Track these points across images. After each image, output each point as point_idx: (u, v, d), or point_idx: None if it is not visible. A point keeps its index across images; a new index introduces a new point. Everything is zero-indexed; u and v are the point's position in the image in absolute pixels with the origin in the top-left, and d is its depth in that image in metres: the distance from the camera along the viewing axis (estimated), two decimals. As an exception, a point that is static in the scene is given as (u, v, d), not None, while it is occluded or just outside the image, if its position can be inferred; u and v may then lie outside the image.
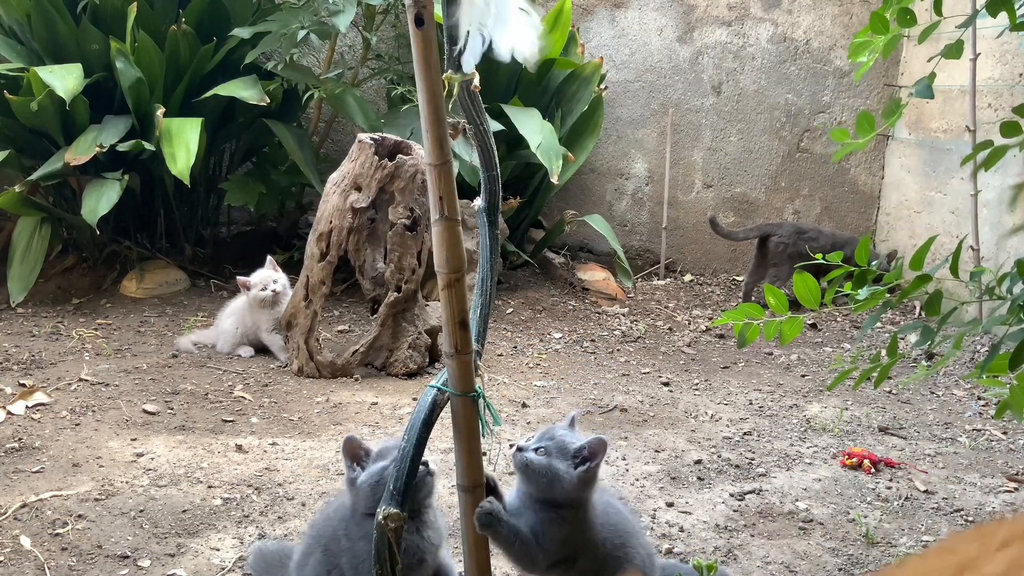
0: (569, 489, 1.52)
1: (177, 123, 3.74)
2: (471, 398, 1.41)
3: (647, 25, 5.00)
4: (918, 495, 2.43)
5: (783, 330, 1.59)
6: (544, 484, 1.52)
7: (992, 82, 3.88)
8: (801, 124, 4.98)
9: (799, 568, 2.04)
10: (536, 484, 1.53)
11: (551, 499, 1.54)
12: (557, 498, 1.53)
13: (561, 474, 1.51)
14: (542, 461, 1.52)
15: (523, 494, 1.58)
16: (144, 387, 3.04)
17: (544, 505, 1.54)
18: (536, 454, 1.53)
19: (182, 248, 4.42)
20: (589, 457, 1.53)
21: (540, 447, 1.54)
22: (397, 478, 1.41)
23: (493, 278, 1.55)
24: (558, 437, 1.56)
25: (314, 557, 1.63)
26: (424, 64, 1.24)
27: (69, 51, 3.91)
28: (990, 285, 1.40)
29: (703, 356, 3.77)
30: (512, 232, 4.53)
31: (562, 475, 1.51)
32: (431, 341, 3.40)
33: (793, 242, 4.29)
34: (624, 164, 5.15)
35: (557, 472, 1.51)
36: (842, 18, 4.85)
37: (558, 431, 1.58)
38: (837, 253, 1.63)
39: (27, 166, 3.96)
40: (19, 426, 2.64)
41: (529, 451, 1.54)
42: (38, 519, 2.10)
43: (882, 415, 3.07)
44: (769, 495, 2.40)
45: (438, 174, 1.31)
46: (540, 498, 1.54)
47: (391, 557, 1.41)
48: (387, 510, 1.39)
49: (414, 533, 1.53)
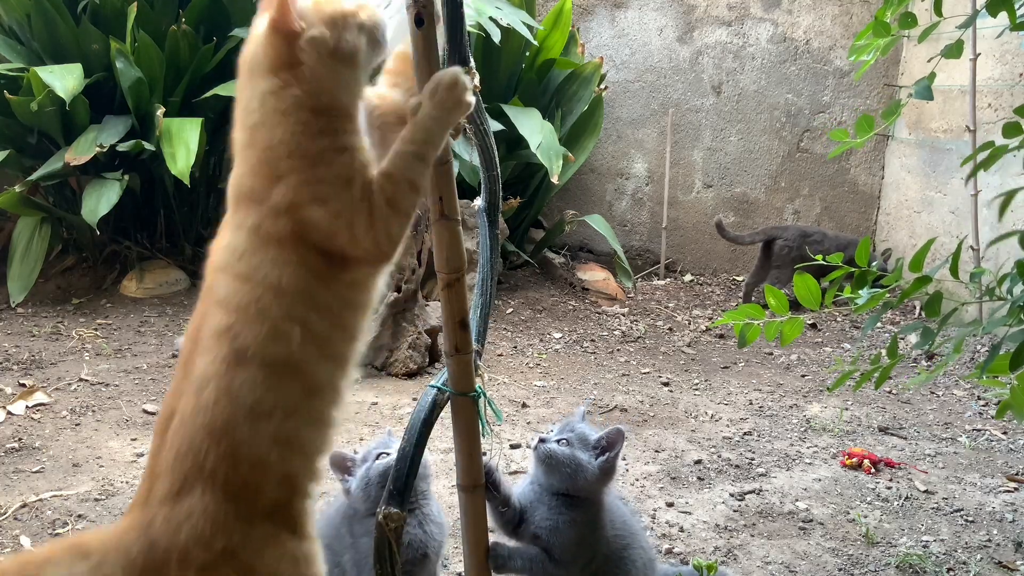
0: (591, 480, 1.55)
1: (177, 123, 3.74)
2: (471, 398, 1.41)
3: (647, 25, 5.00)
4: (918, 495, 2.43)
5: (783, 330, 1.58)
6: (567, 475, 1.54)
7: (992, 82, 3.88)
8: (801, 124, 4.98)
9: (799, 568, 2.04)
10: (559, 475, 1.55)
11: (570, 492, 1.55)
12: (578, 490, 1.55)
13: (584, 465, 1.54)
14: (566, 452, 1.54)
15: (538, 489, 1.59)
16: (144, 387, 3.04)
17: (560, 501, 1.56)
18: (559, 445, 1.55)
19: (182, 248, 4.41)
20: (608, 447, 1.56)
21: (562, 438, 1.57)
22: (397, 478, 1.41)
23: (493, 278, 1.55)
24: (578, 429, 1.59)
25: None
26: (424, 64, 1.24)
27: (69, 51, 3.91)
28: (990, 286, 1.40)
29: (703, 356, 3.77)
30: (512, 232, 4.53)
31: (585, 466, 1.54)
32: (431, 341, 3.40)
33: (798, 245, 4.29)
34: (624, 164, 5.15)
35: (580, 463, 1.54)
36: (842, 18, 4.85)
37: (577, 423, 1.61)
38: (838, 254, 1.63)
39: (27, 166, 3.96)
40: (19, 426, 2.64)
41: (551, 442, 1.56)
42: (38, 519, 2.10)
43: (882, 415, 3.07)
44: (769, 495, 2.40)
45: (438, 174, 1.31)
46: (558, 491, 1.56)
47: (391, 556, 1.41)
48: (387, 510, 1.39)
49: (415, 527, 1.54)
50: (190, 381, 1.12)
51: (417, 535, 1.54)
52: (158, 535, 1.06)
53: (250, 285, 1.12)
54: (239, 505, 1.10)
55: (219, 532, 1.07)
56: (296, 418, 1.15)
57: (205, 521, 1.07)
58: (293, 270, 1.13)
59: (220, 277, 1.15)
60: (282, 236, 1.13)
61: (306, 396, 1.17)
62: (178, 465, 1.09)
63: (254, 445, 1.11)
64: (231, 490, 1.09)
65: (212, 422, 1.09)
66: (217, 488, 1.08)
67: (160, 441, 1.13)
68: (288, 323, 1.13)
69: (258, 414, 1.11)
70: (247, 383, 1.10)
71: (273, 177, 1.14)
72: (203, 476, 1.08)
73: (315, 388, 1.17)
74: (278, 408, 1.13)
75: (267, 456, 1.12)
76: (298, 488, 1.17)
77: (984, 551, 2.13)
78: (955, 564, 2.06)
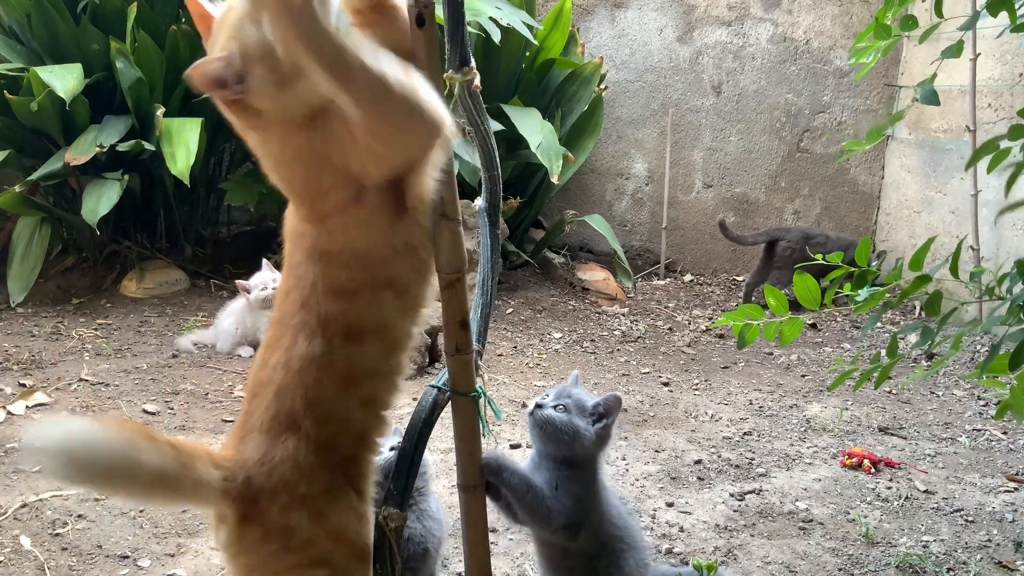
0: (588, 445, 1.55)
1: (177, 123, 3.74)
2: (471, 398, 1.41)
3: (647, 25, 5.00)
4: (918, 495, 2.43)
5: (783, 331, 1.59)
6: (564, 441, 1.54)
7: (992, 82, 3.88)
8: (801, 124, 4.98)
9: (799, 568, 2.04)
10: (555, 441, 1.55)
11: (568, 457, 1.56)
12: (575, 455, 1.56)
13: (581, 430, 1.54)
14: (563, 418, 1.55)
15: (537, 457, 1.60)
16: (144, 387, 3.04)
17: (557, 464, 1.56)
18: (556, 411, 1.56)
19: (182, 248, 4.41)
20: (605, 414, 1.57)
21: (559, 404, 1.57)
22: (397, 478, 1.41)
23: (494, 278, 1.55)
24: (575, 395, 1.59)
25: None
26: (425, 64, 1.24)
27: (69, 51, 3.91)
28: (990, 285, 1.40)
29: (703, 356, 3.77)
30: (512, 232, 4.53)
31: (582, 431, 1.54)
32: (431, 341, 3.40)
33: (801, 248, 4.29)
34: (624, 164, 5.15)
35: (578, 428, 1.54)
36: (842, 18, 4.85)
37: (572, 389, 1.61)
38: (838, 254, 1.63)
39: (27, 166, 3.96)
40: (19, 426, 2.64)
41: (548, 408, 1.57)
42: (38, 519, 2.10)
43: (882, 415, 3.07)
44: (769, 495, 2.40)
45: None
46: (556, 456, 1.57)
47: (391, 557, 1.41)
48: (387, 510, 1.39)
49: (414, 521, 1.54)
50: (286, 351, 1.23)
51: (417, 529, 1.55)
52: (254, 473, 1.20)
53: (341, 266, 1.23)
54: (323, 457, 1.23)
55: (303, 479, 1.21)
56: (378, 378, 1.28)
57: (294, 469, 1.21)
58: (374, 229, 1.22)
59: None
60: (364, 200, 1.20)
61: (387, 354, 1.28)
62: (276, 424, 1.22)
63: (343, 409, 1.25)
64: (319, 445, 1.22)
65: (310, 395, 1.22)
66: (310, 443, 1.22)
67: (256, 389, 1.26)
68: (381, 289, 1.24)
69: (349, 383, 1.25)
70: (341, 357, 1.23)
71: (327, 185, 1.21)
72: (298, 432, 1.22)
73: (396, 343, 1.29)
74: (366, 373, 1.26)
75: (351, 416, 1.26)
76: (368, 442, 1.29)
77: (984, 551, 2.13)
78: (955, 564, 2.06)
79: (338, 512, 1.25)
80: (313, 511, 1.22)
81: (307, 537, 1.21)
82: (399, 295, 1.27)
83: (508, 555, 2.04)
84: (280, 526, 1.20)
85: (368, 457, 1.30)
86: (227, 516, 1.20)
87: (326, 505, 1.23)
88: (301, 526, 1.21)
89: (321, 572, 1.24)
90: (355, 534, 1.27)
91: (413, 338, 1.32)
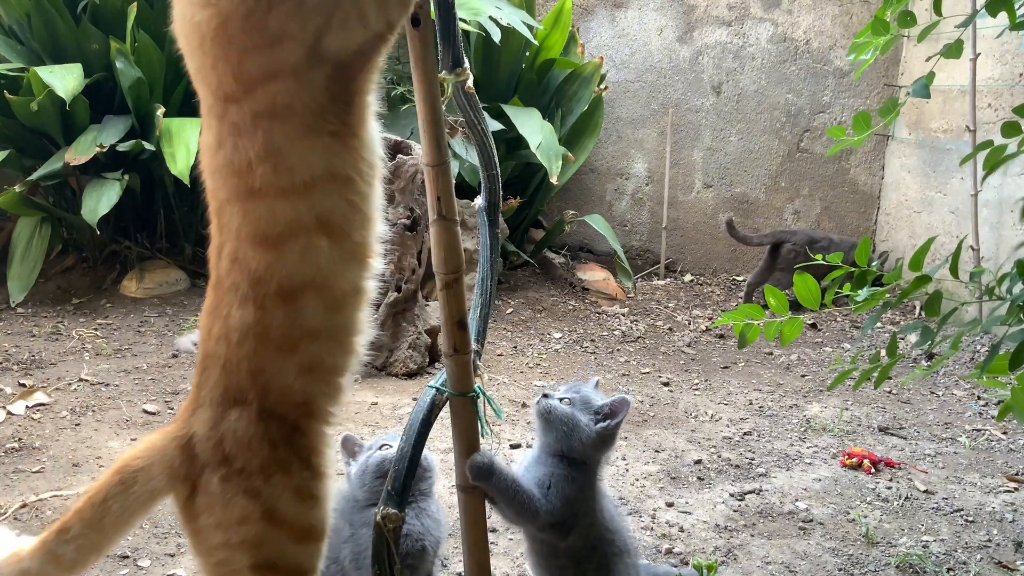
0: (587, 443, 1.54)
1: (177, 123, 3.74)
2: (470, 398, 1.41)
3: (647, 25, 4.99)
4: (918, 495, 2.43)
5: (783, 331, 1.58)
6: (563, 434, 1.54)
7: (992, 82, 3.88)
8: (801, 124, 4.97)
9: (799, 568, 2.04)
10: (556, 433, 1.55)
11: (567, 452, 1.55)
12: (574, 451, 1.55)
13: (581, 426, 1.54)
14: (565, 410, 1.55)
15: (537, 450, 1.60)
16: (144, 387, 3.04)
17: (558, 460, 1.56)
18: (560, 403, 1.56)
19: (182, 248, 4.41)
20: (610, 415, 1.56)
21: (565, 398, 1.57)
22: (395, 478, 1.41)
23: (493, 278, 1.55)
24: (584, 392, 1.59)
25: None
26: (421, 64, 1.24)
27: (69, 51, 3.91)
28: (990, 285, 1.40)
29: (703, 356, 3.77)
30: (512, 232, 4.53)
31: (582, 427, 1.54)
32: (431, 341, 3.40)
33: (805, 251, 4.29)
34: (624, 164, 5.15)
35: (578, 423, 1.54)
36: (842, 18, 4.84)
37: (585, 388, 1.61)
38: (838, 254, 1.63)
39: (27, 166, 3.96)
40: (19, 426, 2.64)
41: (554, 399, 1.57)
42: (38, 519, 2.10)
43: (882, 415, 3.06)
44: (769, 495, 2.40)
45: (435, 175, 1.31)
46: (556, 450, 1.56)
47: (389, 557, 1.41)
48: (385, 510, 1.39)
49: (412, 518, 1.54)
50: (224, 321, 1.17)
51: (415, 526, 1.55)
52: (201, 448, 1.19)
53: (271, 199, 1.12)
54: (264, 429, 1.18)
55: (241, 453, 1.17)
56: (321, 340, 1.19)
57: (234, 442, 1.18)
58: (307, 136, 1.10)
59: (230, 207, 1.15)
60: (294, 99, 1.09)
61: (330, 312, 1.19)
62: (226, 398, 1.19)
63: (281, 376, 1.18)
64: (260, 416, 1.18)
65: (252, 366, 1.17)
66: (252, 415, 1.17)
67: (205, 361, 1.22)
68: (313, 234, 1.12)
69: (285, 348, 1.17)
70: (276, 321, 1.15)
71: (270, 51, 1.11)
72: (244, 404, 1.18)
73: (340, 299, 1.19)
74: (305, 335, 1.18)
75: (290, 384, 1.19)
76: (316, 411, 1.22)
77: (984, 551, 2.13)
78: (955, 564, 2.06)
79: (273, 490, 1.18)
80: (247, 488, 1.17)
81: (239, 515, 1.17)
82: (336, 241, 1.14)
83: (508, 555, 2.04)
84: (217, 500, 1.18)
85: (318, 428, 1.22)
86: (180, 492, 1.21)
87: (261, 482, 1.18)
88: (235, 503, 1.17)
89: (242, 556, 1.19)
90: (294, 514, 1.20)
91: (364, 293, 1.20)
